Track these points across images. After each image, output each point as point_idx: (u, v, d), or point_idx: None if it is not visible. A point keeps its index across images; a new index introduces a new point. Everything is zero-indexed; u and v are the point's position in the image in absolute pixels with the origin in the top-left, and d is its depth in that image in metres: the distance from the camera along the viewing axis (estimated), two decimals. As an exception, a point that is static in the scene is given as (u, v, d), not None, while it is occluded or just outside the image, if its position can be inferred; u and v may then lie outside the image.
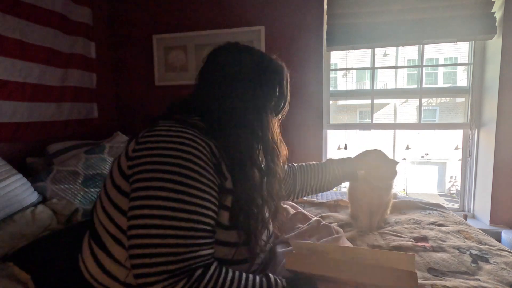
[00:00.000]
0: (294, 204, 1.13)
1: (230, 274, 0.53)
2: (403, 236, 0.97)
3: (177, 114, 0.61)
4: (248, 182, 0.59)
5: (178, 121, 0.57)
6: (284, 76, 0.73)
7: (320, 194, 1.56)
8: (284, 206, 1.05)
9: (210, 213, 0.53)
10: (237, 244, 0.59)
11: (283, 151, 0.74)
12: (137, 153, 0.53)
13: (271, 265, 0.71)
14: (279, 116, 0.76)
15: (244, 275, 0.54)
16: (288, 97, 0.75)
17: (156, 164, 0.51)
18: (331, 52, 1.91)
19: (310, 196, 1.52)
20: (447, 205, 1.84)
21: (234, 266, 0.58)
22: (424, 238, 0.95)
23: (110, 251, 0.58)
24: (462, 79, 9.71)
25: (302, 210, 1.03)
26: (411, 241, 0.93)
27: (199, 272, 0.50)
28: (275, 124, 0.70)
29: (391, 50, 10.07)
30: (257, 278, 0.55)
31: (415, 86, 2.02)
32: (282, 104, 0.74)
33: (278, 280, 0.56)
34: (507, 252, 0.88)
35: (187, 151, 0.51)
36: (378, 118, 9.96)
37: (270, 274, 0.57)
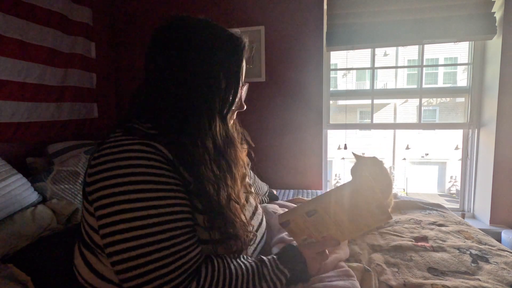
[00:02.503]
0: (285, 203, 1.12)
1: (234, 262, 0.57)
2: (403, 236, 0.97)
3: (129, 121, 0.58)
4: (209, 185, 0.56)
5: (125, 131, 0.55)
6: (240, 54, 0.61)
7: (310, 191, 1.60)
8: (273, 205, 1.03)
9: (184, 215, 0.52)
10: (219, 240, 0.58)
11: (239, 152, 0.67)
12: (91, 178, 0.51)
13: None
14: (232, 107, 0.63)
15: (242, 259, 0.59)
16: (241, 83, 0.64)
17: (110, 188, 0.48)
18: (331, 52, 1.91)
19: (310, 195, 1.53)
20: (447, 205, 1.84)
21: None
22: (424, 238, 0.95)
23: (100, 258, 0.58)
24: (462, 79, 9.71)
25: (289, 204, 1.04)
26: (411, 241, 0.93)
27: (204, 269, 0.52)
28: (224, 127, 0.62)
29: (391, 50, 10.07)
30: (253, 262, 0.60)
31: (415, 86, 2.02)
32: (232, 95, 0.61)
33: (270, 258, 0.62)
34: (507, 252, 0.88)
35: (135, 165, 0.49)
36: (378, 118, 9.96)
37: (262, 256, 0.62)
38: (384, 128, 2.05)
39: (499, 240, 1.57)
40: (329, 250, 0.70)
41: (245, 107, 0.70)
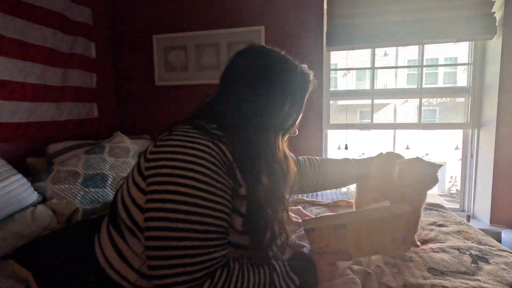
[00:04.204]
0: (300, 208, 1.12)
1: (249, 267, 0.58)
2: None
3: (197, 119, 0.63)
4: (262, 190, 0.60)
5: (194, 126, 0.59)
6: (305, 87, 0.71)
7: (320, 193, 1.56)
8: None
9: (223, 215, 0.55)
10: (249, 247, 0.61)
11: (291, 168, 0.73)
12: (154, 155, 0.56)
13: None
14: (289, 131, 0.71)
15: (257, 268, 0.59)
16: (302, 111, 0.73)
17: (170, 168, 0.53)
18: (331, 52, 1.91)
19: (310, 196, 1.52)
20: (447, 205, 1.84)
21: None
22: (424, 242, 0.95)
23: (128, 241, 0.61)
24: (462, 79, 9.71)
25: (302, 210, 1.03)
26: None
27: (219, 272, 0.53)
28: (282, 141, 0.69)
29: (391, 50, 10.07)
30: (266, 268, 0.60)
31: (415, 86, 2.02)
32: (294, 118, 0.70)
33: (281, 264, 0.61)
34: (507, 253, 0.88)
35: (200, 156, 0.53)
36: (378, 118, 9.96)
37: (272, 261, 0.62)
38: (384, 128, 2.05)
39: (499, 240, 1.57)
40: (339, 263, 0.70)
41: (297, 133, 0.78)
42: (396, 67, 10.72)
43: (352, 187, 1.19)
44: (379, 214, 0.63)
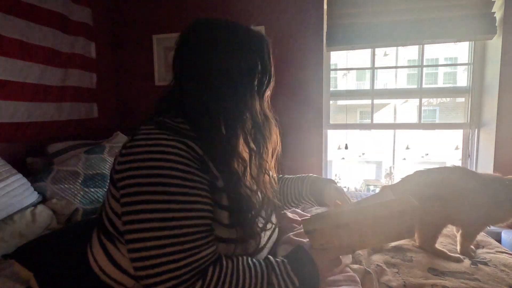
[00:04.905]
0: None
1: (243, 263, 0.56)
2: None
3: (160, 116, 0.60)
4: (238, 180, 0.59)
5: (158, 126, 0.57)
6: (265, 47, 0.66)
7: None
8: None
9: (203, 214, 0.54)
10: (238, 240, 0.60)
11: (274, 135, 0.71)
12: (121, 165, 0.54)
13: None
14: (266, 93, 0.69)
15: (251, 261, 0.57)
16: (272, 70, 0.68)
17: (139, 178, 0.51)
18: (331, 52, 1.91)
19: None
20: (447, 205, 1.84)
21: None
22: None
23: (119, 249, 0.60)
24: (462, 79, 9.71)
25: (299, 211, 1.03)
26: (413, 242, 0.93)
27: (211, 270, 0.52)
28: (261, 104, 0.66)
29: (391, 50, 10.07)
30: (262, 262, 0.58)
31: (415, 86, 2.02)
32: (266, 81, 0.66)
33: (280, 262, 0.59)
34: (506, 254, 0.88)
35: (167, 159, 0.51)
36: (378, 118, 9.96)
37: (270, 257, 0.60)
38: (384, 128, 2.05)
39: (499, 241, 1.57)
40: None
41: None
42: (396, 67, 10.72)
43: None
44: (384, 210, 0.60)
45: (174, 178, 0.51)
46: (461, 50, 9.13)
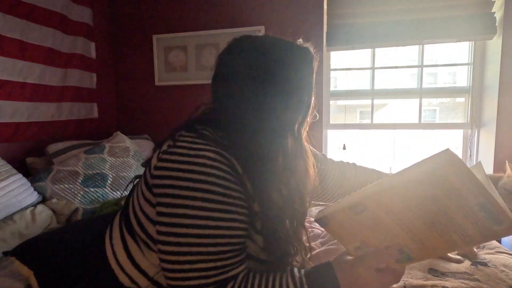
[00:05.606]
0: None
1: (257, 278, 0.52)
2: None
3: (198, 125, 0.57)
4: (273, 206, 0.55)
5: (200, 136, 0.53)
6: (312, 67, 0.61)
7: None
8: None
9: (239, 232, 0.52)
10: (269, 261, 0.58)
11: (310, 168, 0.65)
12: (159, 171, 0.51)
13: None
14: (307, 118, 0.63)
15: (269, 276, 0.53)
16: (313, 94, 0.63)
17: (178, 189, 0.49)
18: (331, 52, 1.90)
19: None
20: (447, 205, 1.84)
21: None
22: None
23: (144, 252, 0.59)
24: (462, 79, 9.71)
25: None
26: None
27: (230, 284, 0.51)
28: (301, 135, 0.61)
29: (391, 50, 10.06)
30: (278, 275, 0.53)
31: (415, 86, 2.02)
32: (306, 104, 0.60)
33: (297, 278, 0.52)
34: (506, 254, 0.88)
35: (209, 173, 0.49)
36: (378, 118, 9.96)
37: (289, 278, 0.55)
38: (384, 128, 2.05)
39: (499, 241, 1.56)
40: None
41: (317, 117, 0.68)
42: (396, 67, 10.72)
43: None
44: (411, 178, 0.41)
45: (214, 194, 0.49)
46: (461, 50, 9.13)
